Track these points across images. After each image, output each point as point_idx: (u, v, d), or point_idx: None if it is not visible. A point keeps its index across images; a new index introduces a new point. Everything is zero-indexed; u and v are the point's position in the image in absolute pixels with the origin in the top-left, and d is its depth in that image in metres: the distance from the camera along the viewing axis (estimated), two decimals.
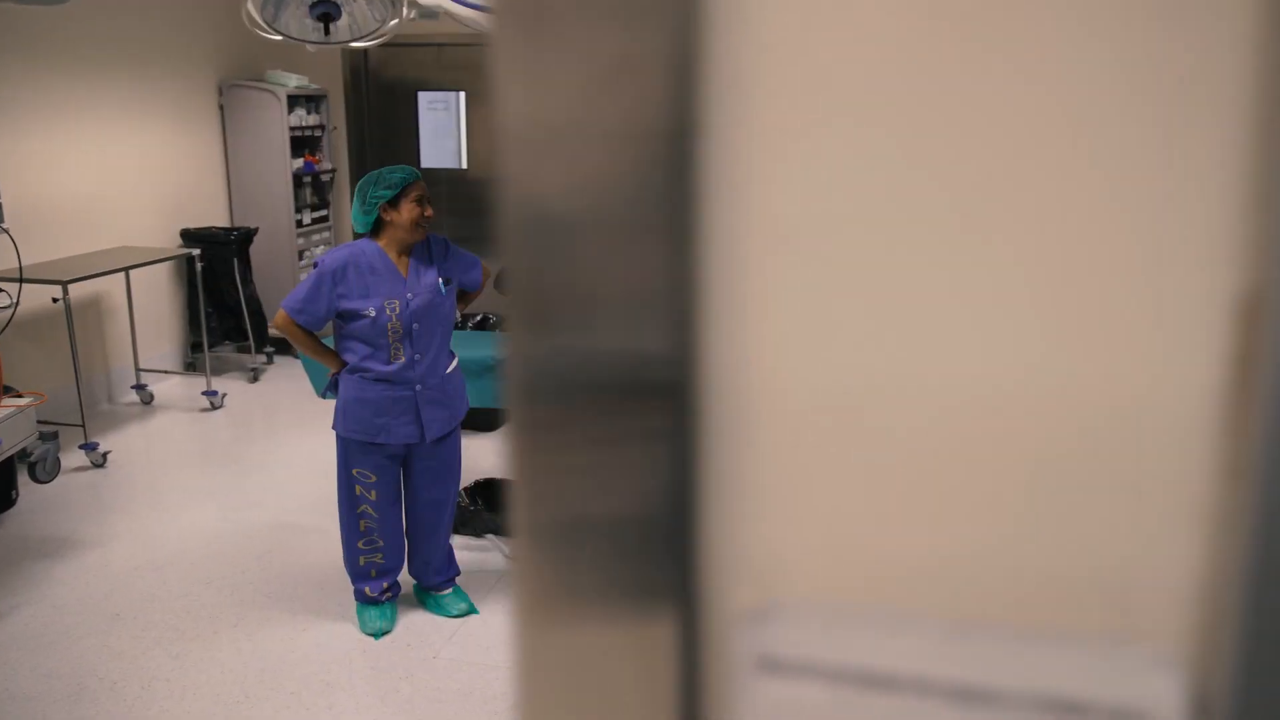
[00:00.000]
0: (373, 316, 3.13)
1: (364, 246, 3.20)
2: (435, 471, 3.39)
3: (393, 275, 3.18)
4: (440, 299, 3.25)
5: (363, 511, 3.32)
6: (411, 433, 3.24)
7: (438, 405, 3.28)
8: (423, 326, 3.21)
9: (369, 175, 3.17)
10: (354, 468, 3.28)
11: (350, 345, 3.19)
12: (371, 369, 3.18)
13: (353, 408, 3.20)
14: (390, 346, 3.17)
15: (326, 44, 4.60)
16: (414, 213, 3.16)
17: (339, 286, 3.13)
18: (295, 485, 4.64)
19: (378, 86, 7.68)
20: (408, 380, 3.20)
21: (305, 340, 3.18)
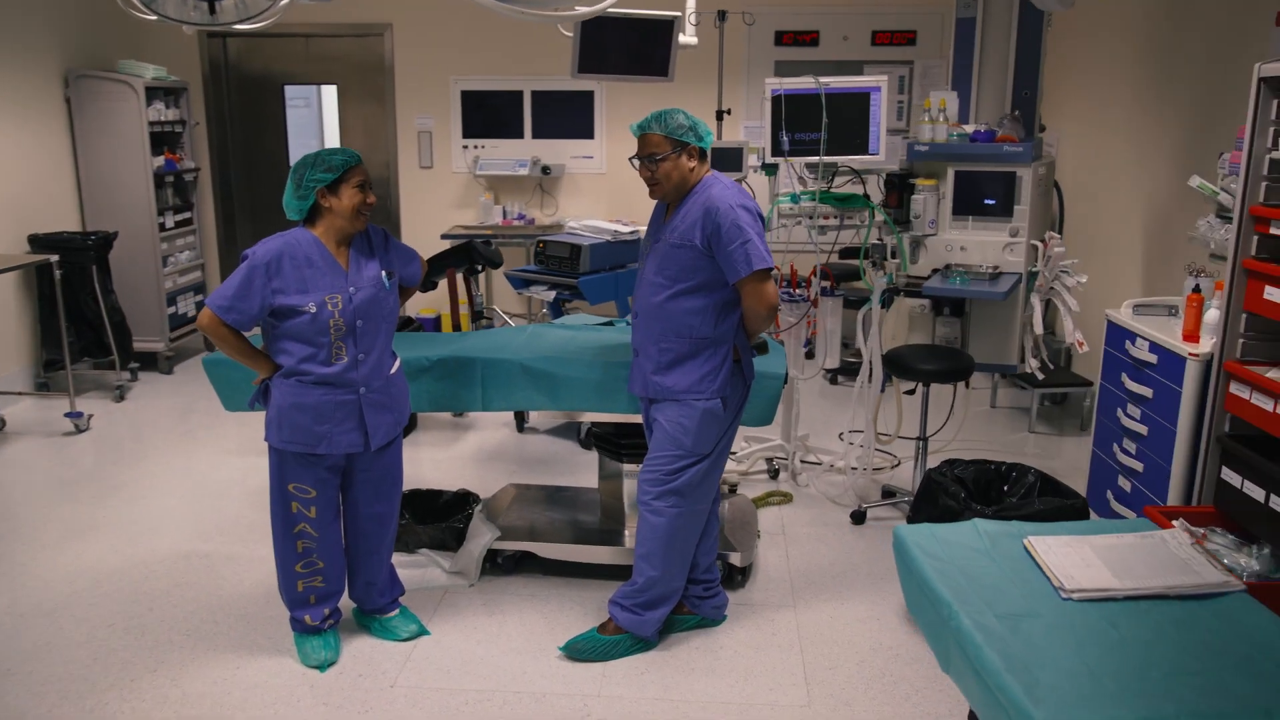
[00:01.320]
0: (313, 313, 2.81)
1: (299, 236, 2.88)
2: (378, 482, 3.09)
3: (332, 268, 2.87)
4: (384, 293, 2.96)
5: (300, 531, 2.98)
6: (355, 440, 2.94)
7: (383, 409, 2.99)
8: (366, 323, 2.91)
9: (305, 157, 2.85)
10: (290, 483, 2.94)
11: (285, 346, 2.86)
12: (310, 371, 2.85)
13: (289, 416, 2.87)
14: (331, 346, 2.85)
15: (210, 26, 4.17)
16: (355, 199, 2.86)
17: (273, 280, 2.80)
18: (191, 510, 4.19)
19: (240, 79, 7.14)
20: (350, 383, 2.90)
21: (234, 342, 2.83)
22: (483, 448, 4.99)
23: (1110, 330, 3.68)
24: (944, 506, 2.99)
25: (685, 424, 2.97)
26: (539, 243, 4.92)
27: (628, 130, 7.00)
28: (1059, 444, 5.10)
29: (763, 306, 2.91)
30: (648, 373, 3.02)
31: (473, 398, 3.45)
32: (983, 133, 4.13)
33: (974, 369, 3.93)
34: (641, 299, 3.04)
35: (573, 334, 3.74)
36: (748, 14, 5.84)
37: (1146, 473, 3.38)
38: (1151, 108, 4.64)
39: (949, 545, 1.91)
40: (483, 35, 6.76)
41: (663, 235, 2.99)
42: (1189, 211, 4.31)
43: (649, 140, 2.94)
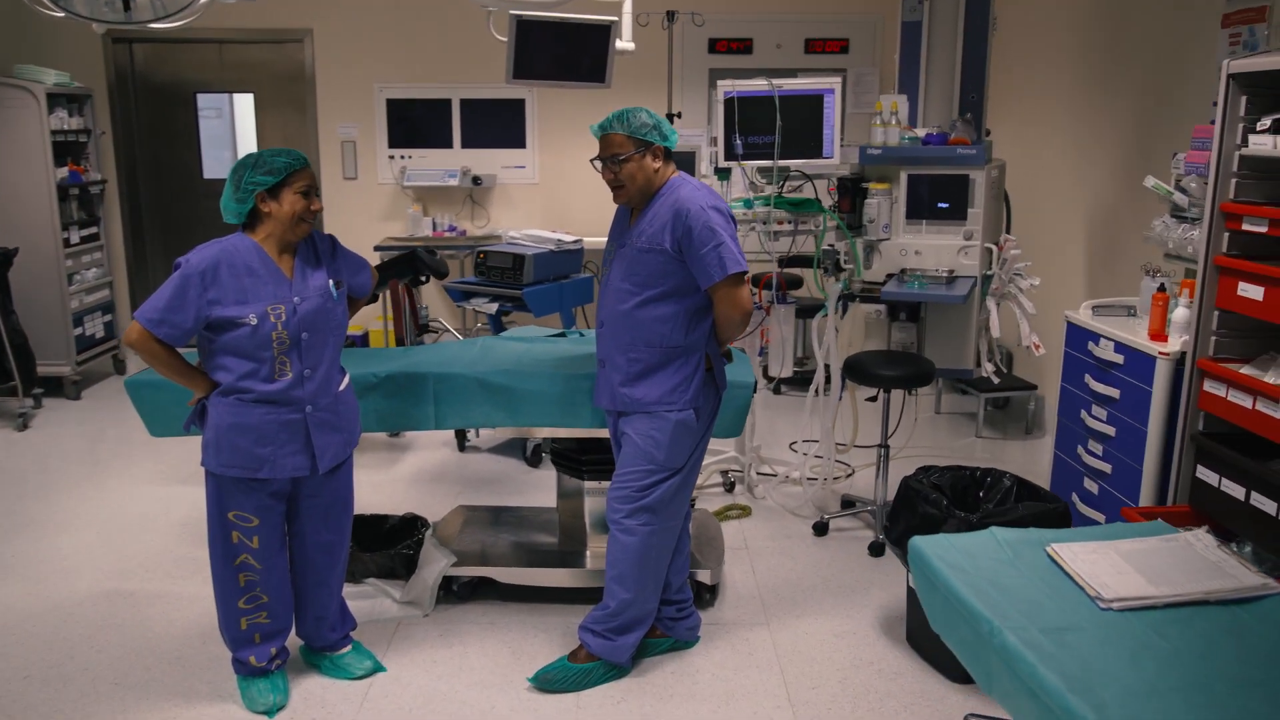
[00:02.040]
0: (254, 325, 2.58)
1: (237, 242, 2.65)
2: (327, 508, 2.86)
3: (275, 276, 2.65)
4: (332, 304, 2.75)
5: (242, 564, 2.74)
6: (301, 463, 2.71)
7: (330, 429, 2.76)
8: (312, 336, 2.69)
9: (247, 157, 2.63)
10: (231, 511, 2.69)
11: (224, 362, 2.62)
12: (251, 389, 2.62)
13: (228, 438, 2.63)
14: (274, 360, 2.63)
15: (124, 25, 3.89)
16: (297, 206, 2.65)
17: (210, 290, 2.56)
18: (109, 545, 3.87)
19: (149, 87, 6.77)
20: (295, 401, 2.67)
21: (167, 359, 2.58)
22: (423, 469, 4.76)
23: (1070, 332, 3.67)
24: (924, 514, 2.90)
25: (657, 437, 2.82)
26: (479, 253, 4.73)
27: (561, 139, 6.92)
28: (1007, 448, 5.10)
29: (737, 312, 2.78)
30: (616, 384, 2.87)
31: (424, 415, 3.24)
32: (935, 135, 4.10)
33: (935, 374, 3.87)
34: (607, 307, 2.88)
35: (527, 346, 3.56)
36: (697, 15, 5.74)
37: (1116, 474, 3.36)
38: (1092, 111, 4.68)
39: (972, 556, 1.80)
40: (408, 41, 6.53)
41: (628, 239, 2.84)
42: (1132, 213, 4.35)
43: (611, 141, 2.79)
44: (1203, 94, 3.79)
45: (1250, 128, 2.77)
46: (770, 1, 6.49)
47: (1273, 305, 2.66)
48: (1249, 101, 2.78)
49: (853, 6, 6.54)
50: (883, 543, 3.81)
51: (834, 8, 6.55)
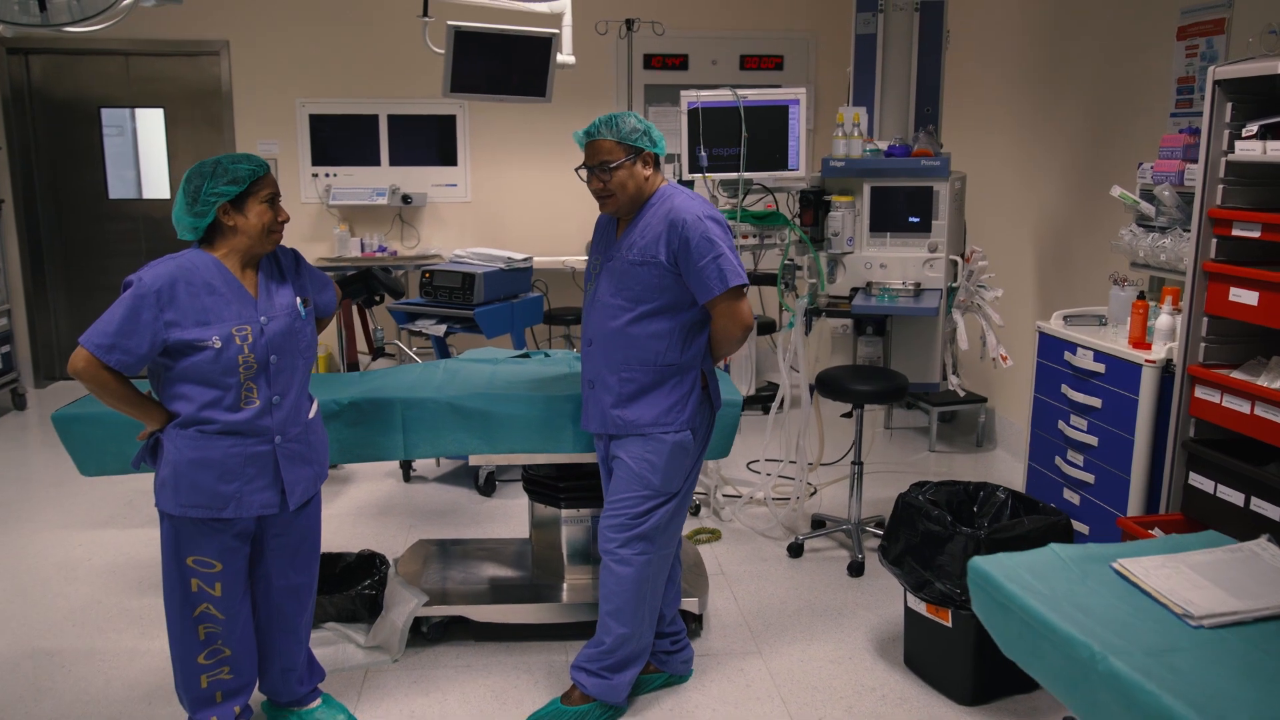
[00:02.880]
0: (217, 349, 2.33)
1: (195, 258, 2.39)
2: (295, 548, 2.61)
3: (238, 294, 2.40)
4: (300, 323, 2.52)
5: (203, 614, 2.46)
6: (269, 500, 2.46)
7: (301, 461, 2.52)
8: (281, 359, 2.45)
9: (202, 165, 2.38)
10: (189, 556, 2.42)
11: (182, 390, 2.36)
12: (214, 419, 2.37)
13: (189, 474, 2.36)
14: (240, 387, 2.38)
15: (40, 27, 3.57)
16: (265, 217, 2.41)
17: (166, 311, 2.30)
18: (26, 600, 3.50)
19: (49, 103, 6.32)
20: (263, 431, 2.43)
21: (118, 389, 2.31)
22: (369, 501, 4.48)
23: (1043, 342, 3.65)
24: (926, 532, 2.81)
25: (653, 460, 2.66)
26: (425, 273, 4.50)
27: (495, 156, 6.71)
28: (962, 461, 5.09)
29: (737, 328, 2.65)
30: (607, 406, 2.70)
31: (392, 445, 3.01)
32: (898, 147, 4.06)
33: (908, 388, 3.81)
34: (596, 324, 2.72)
35: (494, 368, 3.36)
36: (657, 24, 5.61)
37: (1100, 484, 3.33)
38: (1043, 124, 4.73)
39: (1042, 577, 1.70)
40: (332, 54, 6.26)
41: (617, 252, 2.68)
42: (1084, 224, 4.40)
43: (599, 147, 2.63)
44: (1158, 105, 3.85)
45: (1236, 134, 2.78)
46: (705, 18, 6.44)
47: (1269, 309, 2.66)
48: (1234, 108, 2.79)
49: (787, 24, 6.55)
50: (861, 562, 3.72)
51: (768, 24, 6.54)
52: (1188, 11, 3.66)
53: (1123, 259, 3.87)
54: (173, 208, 2.42)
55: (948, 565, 2.78)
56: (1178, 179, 3.32)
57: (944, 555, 2.79)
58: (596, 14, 5.60)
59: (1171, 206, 3.37)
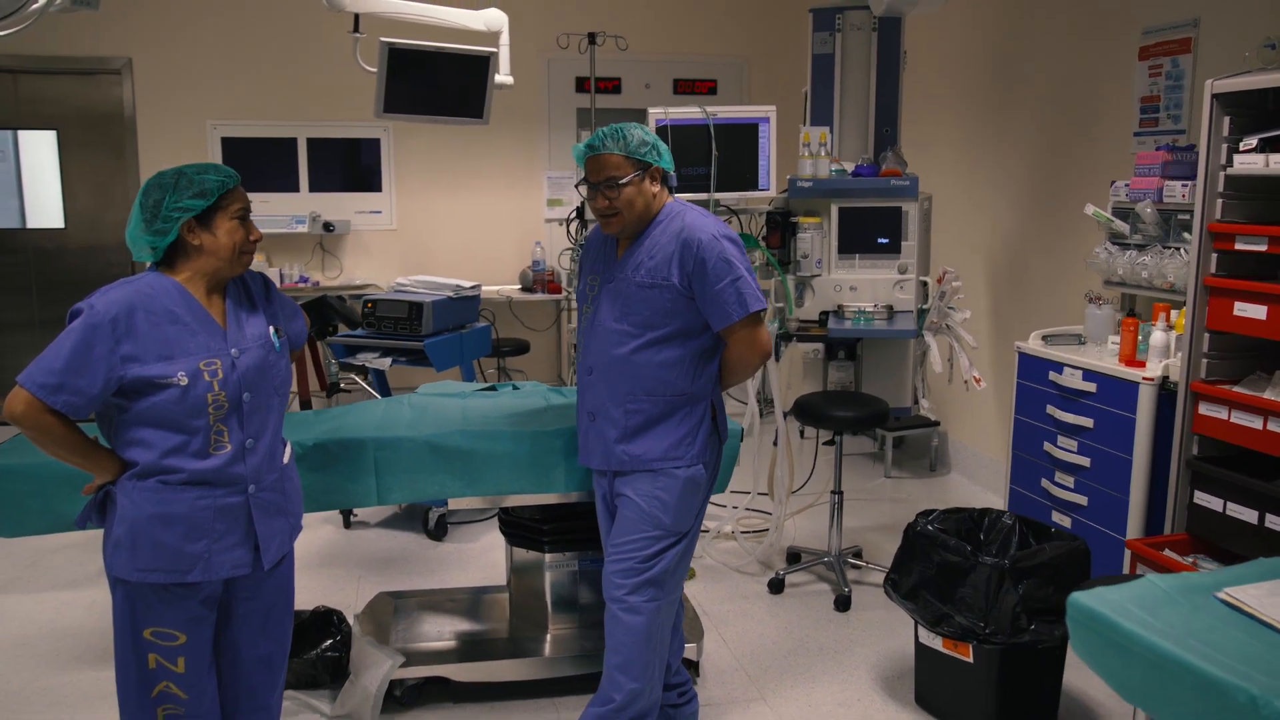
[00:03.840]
0: (183, 386, 2.03)
1: (154, 283, 2.08)
2: (267, 613, 2.29)
3: (205, 324, 2.10)
4: (275, 356, 2.23)
5: (163, 693, 2.13)
6: (241, 558, 2.15)
7: (276, 513, 2.22)
8: (255, 397, 2.15)
9: (161, 176, 2.08)
10: (147, 628, 2.09)
11: (141, 436, 2.04)
12: (180, 467, 2.05)
13: (149, 533, 2.04)
14: (209, 430, 2.07)
15: None
16: (236, 236, 2.13)
17: (123, 344, 1.99)
18: None
19: None
20: (235, 479, 2.12)
21: (64, 435, 1.98)
22: (310, 551, 4.12)
23: (1024, 362, 3.59)
24: (943, 563, 2.67)
25: (663, 498, 2.46)
26: (367, 303, 4.19)
27: (421, 182, 6.41)
28: (918, 486, 5.02)
29: (756, 355, 2.48)
30: (611, 440, 2.48)
31: (364, 490, 2.72)
32: (866, 167, 3.98)
33: (889, 413, 3.70)
34: (598, 352, 2.50)
35: (463, 403, 3.10)
36: (620, 38, 5.43)
37: (1095, 506, 3.27)
38: (998, 144, 4.73)
39: (1154, 611, 1.56)
40: (246, 73, 5.89)
41: (621, 274, 2.48)
42: (1041, 243, 4.40)
43: (605, 162, 2.42)
44: (1121, 124, 3.87)
45: (1234, 147, 2.77)
46: (638, 41, 6.32)
47: (1278, 323, 2.63)
48: (1232, 122, 2.78)
49: (719, 48, 6.49)
50: (848, 596, 3.57)
51: (701, 49, 6.47)
52: (1149, 31, 3.69)
53: (1091, 277, 3.86)
54: (127, 225, 2.11)
55: (969, 597, 2.64)
56: (1157, 196, 3.31)
57: (965, 587, 2.65)
58: (530, 33, 5.41)
59: (1151, 224, 3.36)
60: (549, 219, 6.37)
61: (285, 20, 5.87)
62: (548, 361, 6.49)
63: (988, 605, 2.61)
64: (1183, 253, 3.25)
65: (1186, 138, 3.51)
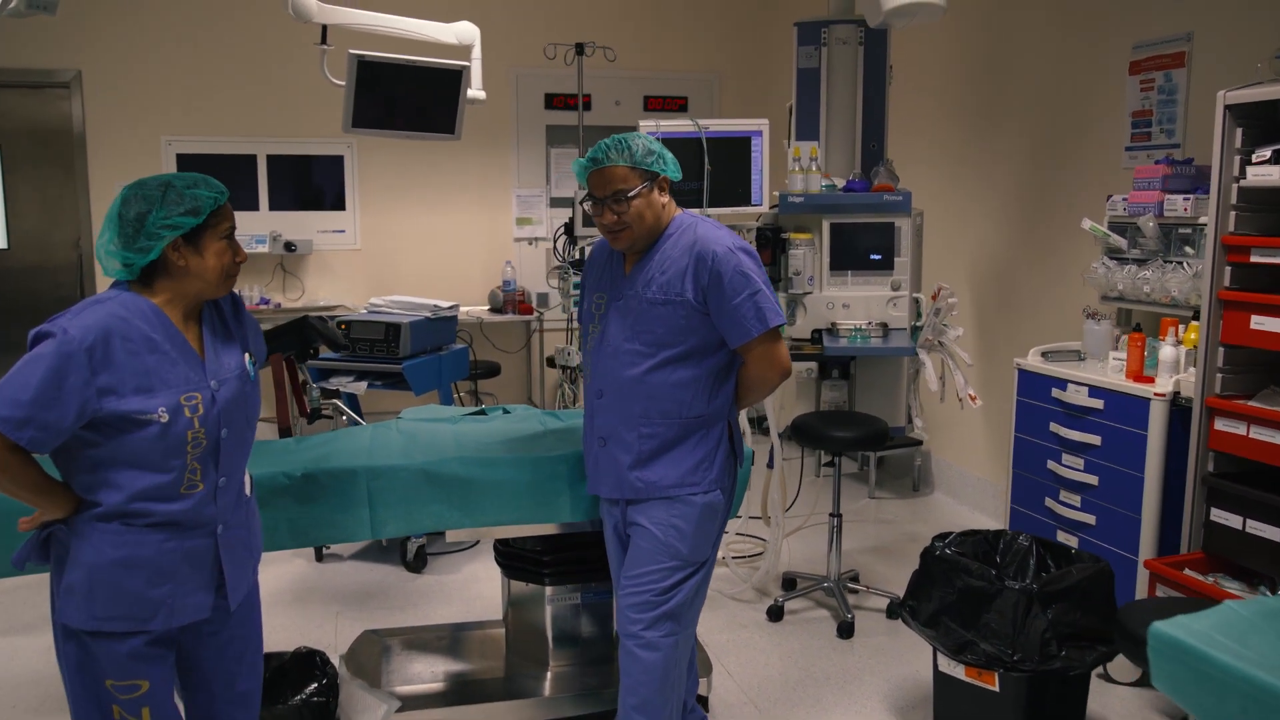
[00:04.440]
0: (164, 423, 1.85)
1: (130, 306, 1.89)
2: (239, 653, 2.11)
3: (184, 353, 1.92)
4: (250, 387, 2.05)
5: None
6: (203, 602, 1.97)
7: (243, 550, 2.06)
8: (231, 434, 1.98)
9: (142, 186, 1.89)
10: (107, 679, 1.90)
11: (111, 476, 1.84)
12: (151, 511, 1.87)
13: (109, 579, 1.85)
14: (186, 469, 1.89)
15: None
16: (224, 258, 1.95)
17: (100, 375, 1.80)
18: None
19: None
20: (205, 521, 1.94)
21: (22, 472, 1.78)
22: (282, 587, 3.90)
23: (1024, 379, 3.53)
24: (966, 588, 2.57)
25: (680, 526, 2.32)
26: (341, 324, 4.01)
27: (386, 200, 6.22)
28: (903, 507, 4.94)
29: (775, 373, 2.36)
30: (624, 467, 2.35)
31: (356, 523, 2.54)
32: (857, 182, 3.91)
33: (889, 433, 3.61)
34: (607, 373, 2.36)
35: (455, 428, 2.94)
36: (609, 49, 5.27)
37: (1104, 525, 3.20)
38: (984, 160, 4.69)
39: (1243, 640, 1.47)
40: (203, 87, 5.67)
41: (630, 291, 2.35)
42: (1027, 260, 4.37)
43: (610, 175, 2.30)
44: (1111, 139, 3.84)
45: (1246, 159, 2.73)
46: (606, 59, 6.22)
47: None
48: (1244, 133, 2.74)
49: (690, 64, 6.41)
50: (851, 622, 3.46)
51: (672, 65, 6.39)
52: (1140, 46, 3.68)
53: (1082, 292, 3.82)
54: (98, 236, 1.93)
55: (995, 623, 2.54)
56: (1158, 210, 3.28)
57: (990, 613, 2.55)
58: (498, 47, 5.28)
59: (1152, 238, 3.32)
60: (518, 238, 6.22)
61: (244, 32, 5.67)
62: (518, 384, 6.33)
63: (1015, 631, 2.51)
64: (1186, 266, 3.21)
65: (1181, 151, 3.49)
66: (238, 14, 5.66)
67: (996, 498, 4.68)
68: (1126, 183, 3.68)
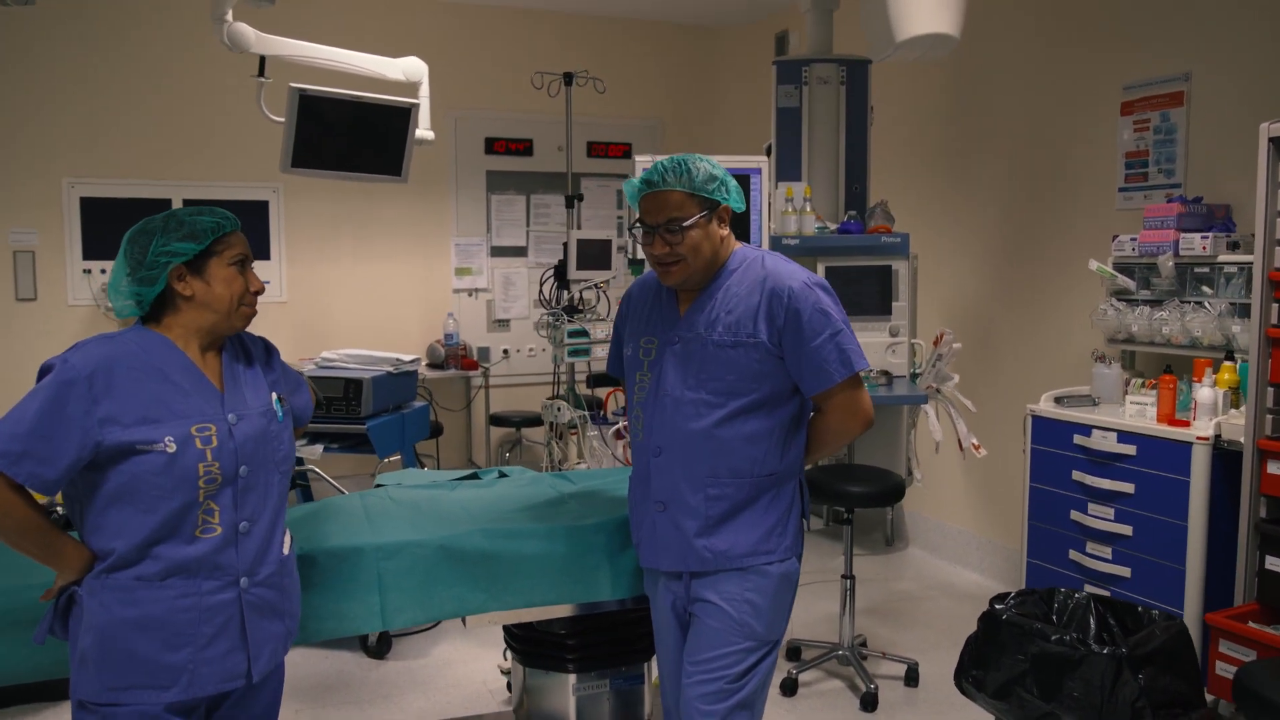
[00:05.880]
0: (171, 453, 1.63)
1: (141, 339, 1.74)
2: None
3: (198, 384, 1.73)
4: (278, 427, 1.82)
5: None
6: (234, 668, 1.73)
7: (271, 614, 1.80)
8: (253, 473, 1.75)
9: (148, 221, 1.79)
10: None
11: (114, 520, 1.65)
12: (163, 555, 1.64)
13: (121, 641, 1.64)
14: (198, 508, 1.66)
15: None
16: (234, 285, 1.78)
17: (102, 403, 1.61)
18: None
19: None
20: (227, 569, 1.70)
21: (25, 516, 1.58)
22: None
23: (1039, 426, 3.38)
24: (1043, 654, 2.35)
25: (756, 601, 2.04)
26: None
27: (314, 249, 5.77)
28: (882, 563, 4.75)
29: (858, 423, 2.11)
30: (689, 534, 2.05)
31: (365, 612, 2.15)
32: (853, 224, 3.75)
33: (904, 488, 3.40)
34: (667, 428, 2.07)
35: (457, 495, 2.59)
36: (599, 81, 4.96)
37: (1141, 577, 3.05)
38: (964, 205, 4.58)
39: None
40: (111, 125, 5.17)
41: (690, 332, 2.07)
42: (1006, 304, 4.28)
43: (665, 201, 2.03)
44: (1102, 180, 3.78)
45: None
46: (551, 102, 5.98)
47: None
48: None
49: (633, 110, 6.23)
50: (875, 694, 3.20)
51: (615, 111, 6.19)
52: (1131, 87, 3.64)
53: (1085, 336, 3.73)
54: (109, 275, 1.70)
55: (1080, 692, 2.32)
56: (1173, 249, 3.20)
57: (1075, 681, 2.33)
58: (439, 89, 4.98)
59: (1167, 278, 3.24)
60: (458, 289, 5.87)
61: (160, 65, 5.22)
62: (460, 445, 5.92)
63: (1103, 700, 2.30)
64: (1208, 306, 3.13)
65: (1184, 190, 3.44)
66: (152, 45, 5.20)
67: (981, 550, 4.53)
68: (1122, 224, 3.62)
